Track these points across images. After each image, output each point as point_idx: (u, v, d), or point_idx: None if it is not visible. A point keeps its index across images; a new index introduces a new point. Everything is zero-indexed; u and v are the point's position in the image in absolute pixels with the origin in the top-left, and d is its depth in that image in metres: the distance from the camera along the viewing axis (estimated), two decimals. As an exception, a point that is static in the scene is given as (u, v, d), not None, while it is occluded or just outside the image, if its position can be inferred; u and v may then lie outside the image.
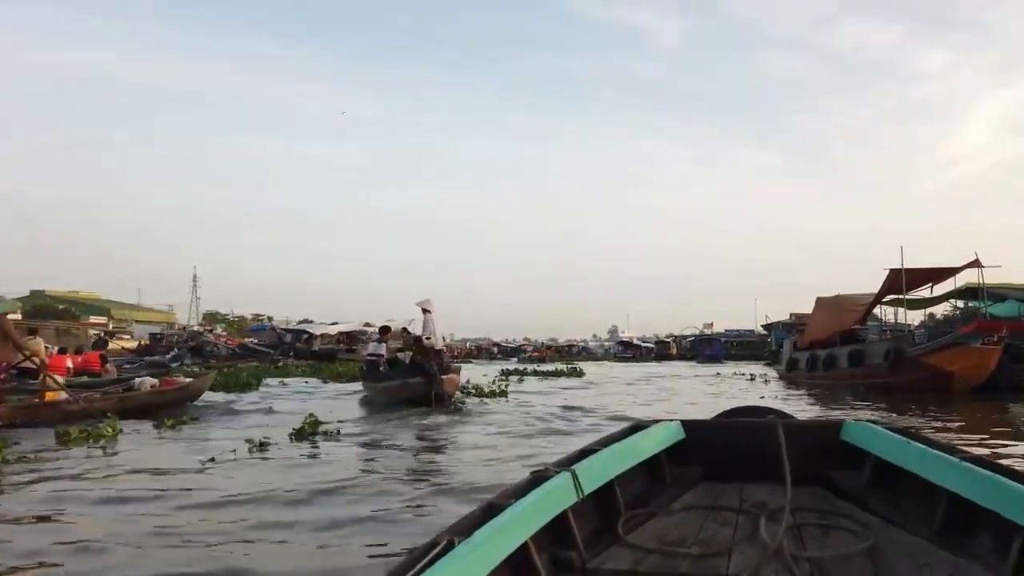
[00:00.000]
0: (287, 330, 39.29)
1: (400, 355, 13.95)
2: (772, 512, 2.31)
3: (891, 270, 17.18)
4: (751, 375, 25.19)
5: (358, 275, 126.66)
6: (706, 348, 58.09)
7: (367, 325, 41.33)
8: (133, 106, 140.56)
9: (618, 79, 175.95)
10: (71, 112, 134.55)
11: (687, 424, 3.20)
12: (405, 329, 16.09)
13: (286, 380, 19.85)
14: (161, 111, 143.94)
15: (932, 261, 17.95)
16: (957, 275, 17.82)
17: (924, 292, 19.31)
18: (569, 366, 29.78)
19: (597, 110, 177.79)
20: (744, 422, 3.23)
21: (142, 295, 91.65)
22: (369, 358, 14.31)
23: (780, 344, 30.34)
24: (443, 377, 11.41)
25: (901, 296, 19.14)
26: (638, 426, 3.10)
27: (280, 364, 29.48)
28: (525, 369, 28.01)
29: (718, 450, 3.07)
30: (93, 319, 78.09)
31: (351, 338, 38.40)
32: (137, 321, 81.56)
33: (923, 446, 2.49)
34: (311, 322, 45.34)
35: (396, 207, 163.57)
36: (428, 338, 12.28)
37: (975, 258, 16.49)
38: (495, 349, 70.07)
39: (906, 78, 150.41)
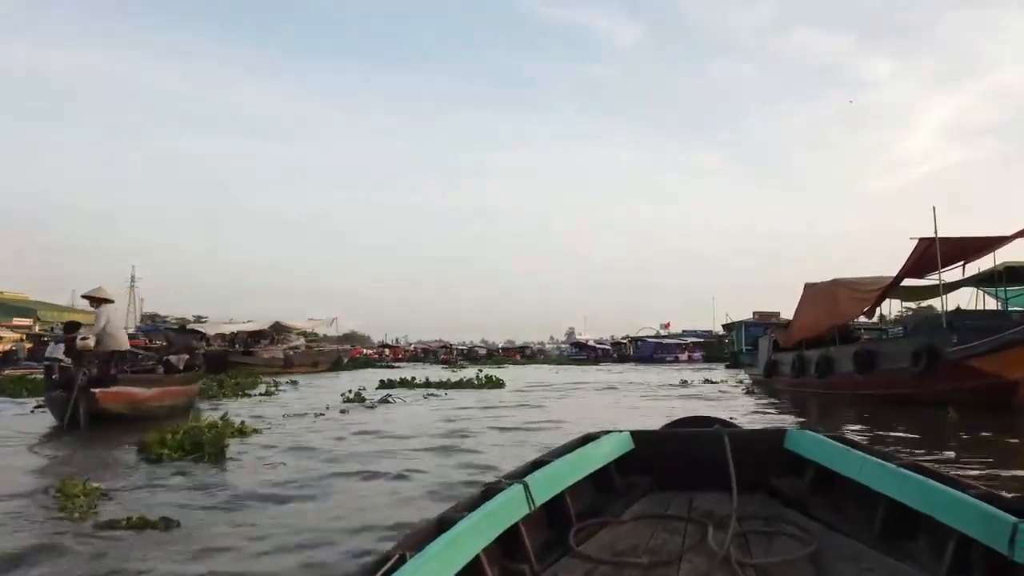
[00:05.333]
0: (174, 330, 33.41)
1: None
2: (719, 520, 2.36)
3: (921, 239, 12.37)
4: (746, 386, 18.91)
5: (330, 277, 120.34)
6: (638, 349, 53.99)
7: (278, 324, 35.86)
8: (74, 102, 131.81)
9: (573, 84, 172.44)
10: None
11: (636, 434, 3.17)
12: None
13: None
14: (98, 108, 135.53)
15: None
16: (998, 248, 13.35)
17: (953, 274, 14.57)
18: (486, 374, 21.33)
19: (552, 112, 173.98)
20: (691, 432, 3.19)
21: (75, 296, 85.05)
22: (45, 363, 11.25)
23: (752, 344, 25.73)
24: (104, 391, 9.29)
25: (917, 281, 14.58)
26: (588, 437, 3.03)
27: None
28: (413, 379, 20.04)
29: (666, 460, 3.06)
30: (16, 320, 71.58)
31: (254, 338, 32.77)
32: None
33: (862, 454, 2.52)
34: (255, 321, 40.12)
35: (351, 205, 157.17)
36: (84, 338, 9.74)
37: (1030, 224, 11.96)
38: (445, 352, 65.76)
39: (853, 84, 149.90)
